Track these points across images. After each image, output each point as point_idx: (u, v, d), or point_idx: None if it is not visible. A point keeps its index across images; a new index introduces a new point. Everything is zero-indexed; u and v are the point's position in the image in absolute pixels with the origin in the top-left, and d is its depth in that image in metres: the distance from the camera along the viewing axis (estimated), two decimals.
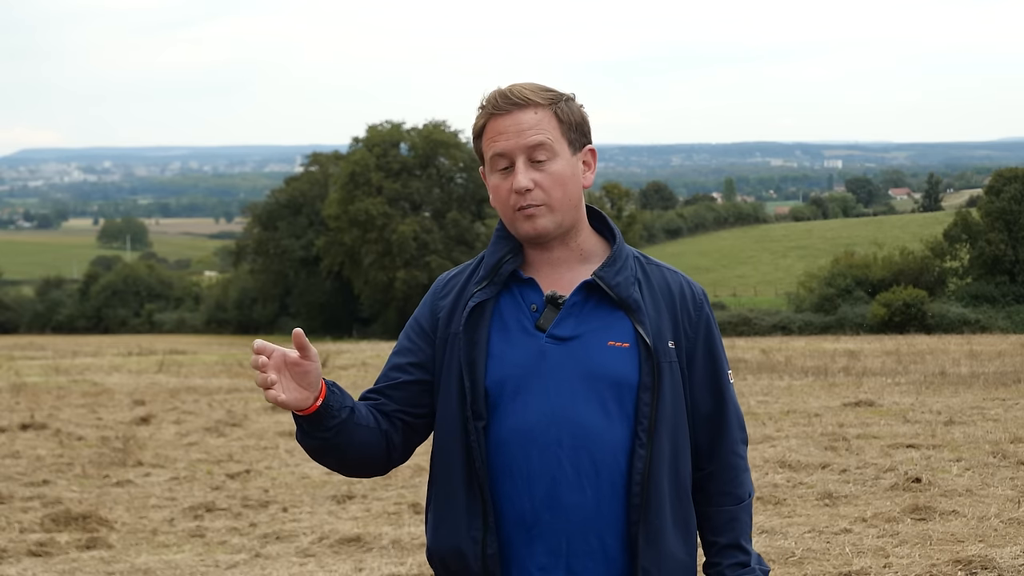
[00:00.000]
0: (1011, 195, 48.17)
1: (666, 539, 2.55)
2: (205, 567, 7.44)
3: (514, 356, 2.55)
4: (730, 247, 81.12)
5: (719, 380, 2.67)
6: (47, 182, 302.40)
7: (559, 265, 2.63)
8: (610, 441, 2.51)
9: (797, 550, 7.09)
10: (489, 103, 2.57)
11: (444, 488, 2.60)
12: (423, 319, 2.67)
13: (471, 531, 2.54)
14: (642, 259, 2.67)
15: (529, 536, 2.52)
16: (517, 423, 2.52)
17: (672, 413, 2.57)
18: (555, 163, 2.56)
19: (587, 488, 2.50)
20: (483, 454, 2.53)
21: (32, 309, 70.75)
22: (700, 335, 2.64)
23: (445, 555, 2.58)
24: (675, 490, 2.58)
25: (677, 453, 2.58)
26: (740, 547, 2.65)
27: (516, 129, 2.54)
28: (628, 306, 2.56)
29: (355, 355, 28.29)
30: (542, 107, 2.55)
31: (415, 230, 58.14)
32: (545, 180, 2.55)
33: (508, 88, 2.57)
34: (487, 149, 2.58)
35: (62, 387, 19.19)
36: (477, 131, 2.61)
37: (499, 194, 2.58)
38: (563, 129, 2.57)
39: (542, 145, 2.54)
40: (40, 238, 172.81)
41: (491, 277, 2.60)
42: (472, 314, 2.57)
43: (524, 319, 2.57)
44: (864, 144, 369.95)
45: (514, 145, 2.54)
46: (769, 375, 19.14)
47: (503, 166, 2.56)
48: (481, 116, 2.59)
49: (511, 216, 2.58)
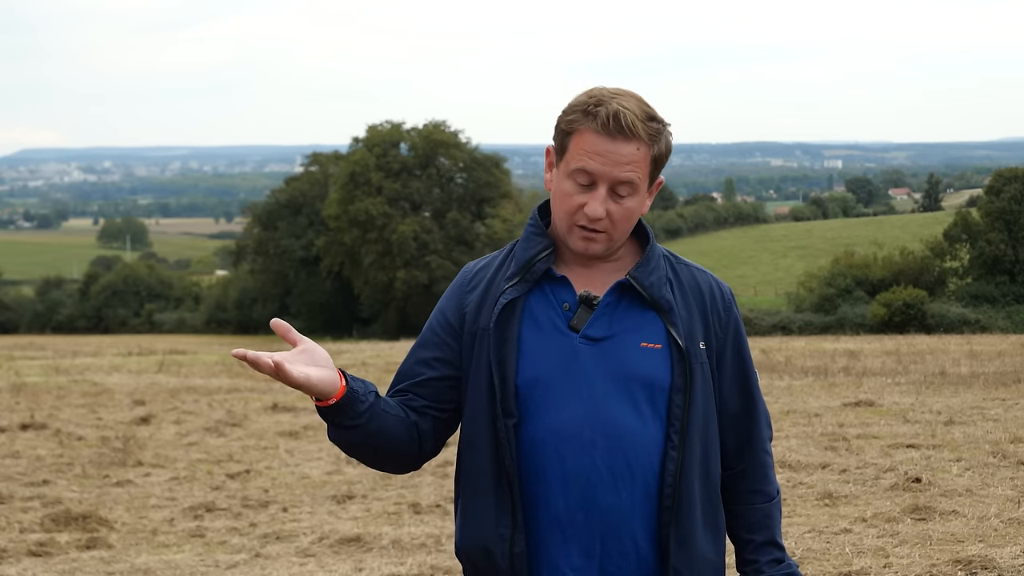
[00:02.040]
0: (1011, 195, 48.15)
1: (697, 540, 2.56)
2: (205, 567, 7.44)
3: (546, 355, 2.53)
4: (730, 247, 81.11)
5: (748, 380, 2.68)
6: (47, 182, 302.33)
7: (592, 265, 2.62)
8: (644, 442, 2.52)
9: (797, 550, 7.09)
10: (597, 116, 2.49)
11: (472, 485, 2.58)
12: (449, 313, 2.64)
13: (499, 528, 2.52)
14: (671, 258, 2.66)
15: (563, 537, 2.51)
16: (551, 423, 2.51)
17: (703, 415, 2.58)
18: (632, 199, 2.54)
19: (622, 489, 2.50)
20: (513, 452, 2.51)
21: (32, 309, 70.75)
22: (729, 336, 2.65)
23: (472, 552, 2.57)
24: (706, 491, 2.59)
25: (708, 454, 2.59)
26: (776, 544, 2.68)
27: (614, 159, 2.50)
28: (661, 307, 2.56)
29: (355, 355, 28.29)
30: (644, 144, 2.51)
31: (415, 230, 58.14)
32: (618, 213, 2.53)
33: (621, 109, 2.48)
34: (575, 157, 2.52)
35: (62, 387, 19.18)
36: (568, 127, 2.54)
37: (567, 203, 2.54)
38: (651, 167, 2.55)
39: (630, 183, 2.52)
40: (40, 238, 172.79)
41: (523, 274, 2.57)
42: (503, 311, 2.55)
43: (556, 318, 2.56)
44: (864, 144, 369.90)
45: (606, 173, 2.50)
46: (769, 375, 19.13)
47: (585, 181, 2.52)
48: (580, 120, 2.52)
49: (568, 227, 2.56)
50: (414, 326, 53.04)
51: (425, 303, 55.83)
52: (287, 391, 18.16)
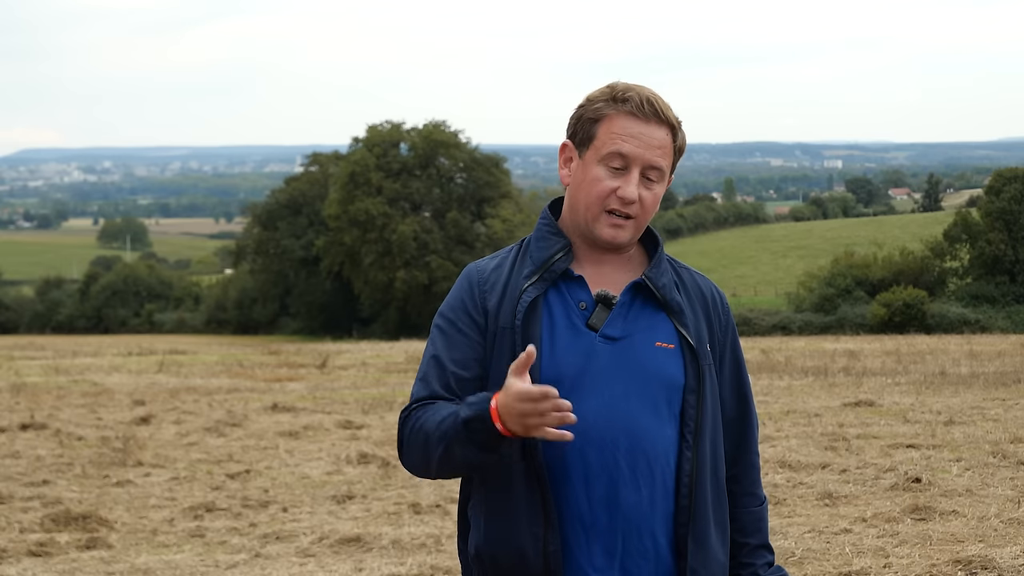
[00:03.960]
0: (1011, 195, 48.14)
1: (710, 540, 2.57)
2: (205, 567, 7.44)
3: (567, 354, 2.53)
4: (730, 247, 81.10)
5: (743, 384, 2.71)
6: (47, 182, 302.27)
7: (604, 264, 2.63)
8: (662, 442, 2.53)
9: (797, 550, 7.09)
10: (630, 101, 2.54)
11: (497, 486, 2.55)
12: (475, 312, 2.60)
13: (532, 528, 2.50)
14: (674, 262, 2.69)
15: (587, 536, 2.51)
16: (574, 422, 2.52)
17: (712, 415, 2.60)
18: (659, 187, 2.59)
19: (643, 488, 2.51)
20: (541, 452, 2.51)
21: (32, 309, 70.79)
22: (728, 339, 2.69)
23: (499, 554, 2.53)
24: (715, 492, 2.60)
25: (716, 456, 2.61)
26: (768, 547, 2.71)
27: (648, 142, 2.54)
28: (672, 308, 2.58)
29: (355, 355, 28.31)
30: (671, 131, 2.57)
31: (415, 230, 58.12)
32: (648, 199, 2.57)
33: (652, 96, 2.55)
34: (608, 142, 2.54)
35: (62, 387, 19.19)
36: (597, 116, 2.56)
37: (597, 188, 2.56)
38: (674, 159, 2.61)
39: (660, 169, 2.56)
40: (40, 238, 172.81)
41: (541, 273, 2.57)
42: (527, 310, 2.54)
43: (574, 317, 2.56)
44: (864, 144, 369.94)
45: (640, 155, 2.53)
46: (769, 375, 19.13)
47: (619, 165, 2.54)
48: (610, 106, 2.56)
49: (596, 215, 2.57)
50: (414, 326, 53.04)
51: (425, 303, 55.83)
52: (287, 391, 18.15)
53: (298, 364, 25.24)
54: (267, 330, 64.23)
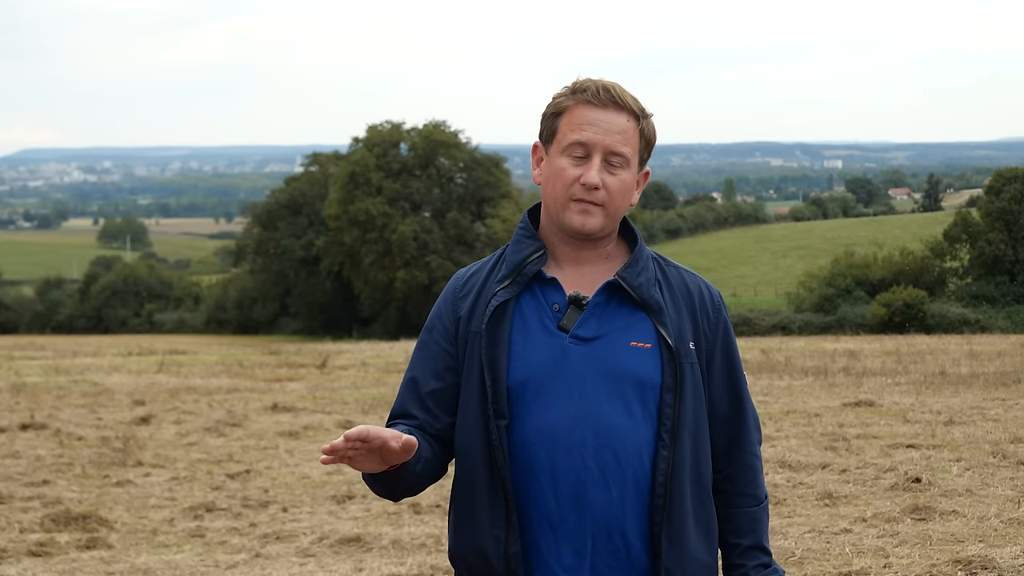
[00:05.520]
0: (1011, 195, 48.11)
1: (688, 540, 2.56)
2: (205, 567, 7.44)
3: (537, 356, 2.54)
4: (730, 247, 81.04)
5: (736, 382, 2.69)
6: (47, 182, 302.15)
7: (583, 264, 2.63)
8: (634, 441, 2.52)
9: (797, 550, 7.09)
10: (587, 90, 2.57)
11: (465, 487, 2.58)
12: (447, 320, 2.65)
13: (493, 530, 2.53)
14: (661, 261, 2.68)
15: (555, 536, 2.52)
16: (541, 423, 2.52)
17: (693, 415, 2.58)
18: (624, 172, 2.58)
19: (612, 488, 2.51)
20: (505, 453, 2.52)
21: (32, 309, 70.75)
22: (718, 337, 2.67)
23: (466, 555, 2.57)
24: (697, 491, 2.59)
25: (698, 454, 2.60)
26: (763, 548, 2.68)
27: (607, 127, 2.56)
28: (650, 307, 2.58)
29: (355, 355, 28.30)
30: (634, 118, 2.58)
31: (415, 230, 58.10)
32: (613, 185, 2.57)
33: (610, 84, 2.59)
34: (568, 133, 2.57)
35: (62, 387, 19.19)
36: (558, 110, 2.60)
37: (562, 178, 2.58)
38: (640, 145, 2.61)
39: (621, 155, 2.57)
40: (40, 238, 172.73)
41: (514, 276, 2.59)
42: (495, 313, 2.56)
43: (546, 319, 2.57)
44: (864, 144, 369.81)
45: (600, 141, 2.55)
46: (769, 375, 19.13)
47: (579, 154, 2.57)
48: (569, 99, 2.59)
49: (564, 204, 2.58)
50: (414, 326, 53.00)
51: (425, 303, 55.79)
52: (287, 391, 18.17)
53: (298, 364, 25.25)
54: (267, 330, 64.21)
